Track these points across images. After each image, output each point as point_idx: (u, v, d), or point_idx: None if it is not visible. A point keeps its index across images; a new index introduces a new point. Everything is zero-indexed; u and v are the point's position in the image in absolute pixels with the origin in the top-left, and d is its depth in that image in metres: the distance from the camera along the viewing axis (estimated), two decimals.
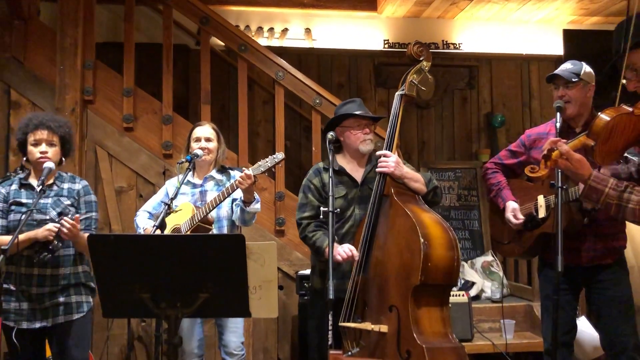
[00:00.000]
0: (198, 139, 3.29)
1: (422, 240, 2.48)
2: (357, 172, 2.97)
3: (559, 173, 2.56)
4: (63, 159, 2.88)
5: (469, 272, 4.58)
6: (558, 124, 2.71)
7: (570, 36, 5.69)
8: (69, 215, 2.69)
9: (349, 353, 2.65)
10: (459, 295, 3.86)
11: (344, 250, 2.70)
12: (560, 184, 2.54)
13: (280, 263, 4.11)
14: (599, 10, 5.45)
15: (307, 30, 5.54)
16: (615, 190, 1.80)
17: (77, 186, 2.88)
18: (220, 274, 1.91)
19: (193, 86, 5.07)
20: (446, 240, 2.56)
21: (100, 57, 4.39)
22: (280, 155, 3.02)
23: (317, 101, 4.32)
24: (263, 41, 5.35)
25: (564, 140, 1.96)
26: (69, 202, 2.81)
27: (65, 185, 2.86)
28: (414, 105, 5.61)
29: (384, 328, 2.56)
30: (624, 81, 2.01)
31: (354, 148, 2.94)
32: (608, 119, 1.81)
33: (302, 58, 5.51)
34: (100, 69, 4.29)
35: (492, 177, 3.08)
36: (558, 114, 2.76)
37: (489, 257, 4.75)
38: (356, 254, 2.70)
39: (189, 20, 4.49)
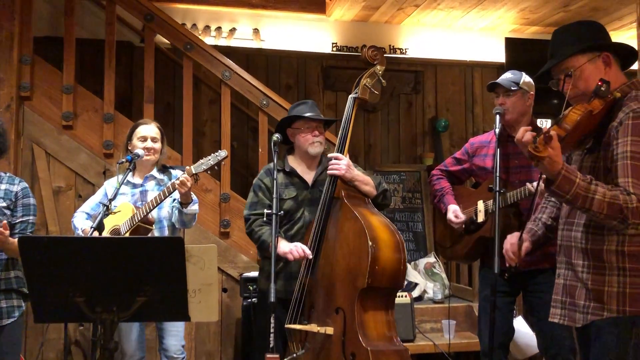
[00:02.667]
0: (144, 138, 3.20)
1: (370, 243, 2.50)
2: (308, 174, 2.97)
3: (497, 177, 2.65)
4: None
5: (412, 273, 4.66)
6: (497, 129, 2.81)
7: (511, 44, 5.88)
8: None
9: (294, 355, 2.65)
10: (402, 296, 3.92)
11: (297, 250, 2.70)
12: (497, 188, 2.63)
13: (224, 265, 4.07)
14: (539, 20, 5.66)
15: (256, 31, 5.51)
16: (584, 181, 1.84)
17: (16, 188, 2.76)
18: (159, 277, 1.87)
19: (137, 84, 4.95)
20: (394, 243, 2.58)
21: (39, 52, 4.24)
22: (223, 153, 2.98)
23: (264, 102, 4.30)
24: (210, 40, 5.29)
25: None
26: (4, 204, 2.69)
27: (3, 186, 2.74)
28: (361, 109, 5.66)
29: (329, 330, 2.57)
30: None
31: (304, 150, 2.94)
32: (580, 112, 1.90)
33: (250, 58, 5.48)
34: (39, 64, 4.14)
35: (436, 183, 3.16)
36: (497, 119, 2.85)
37: (431, 259, 4.84)
38: (309, 253, 2.70)
39: (134, 16, 4.40)
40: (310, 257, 2.69)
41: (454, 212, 2.98)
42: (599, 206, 1.83)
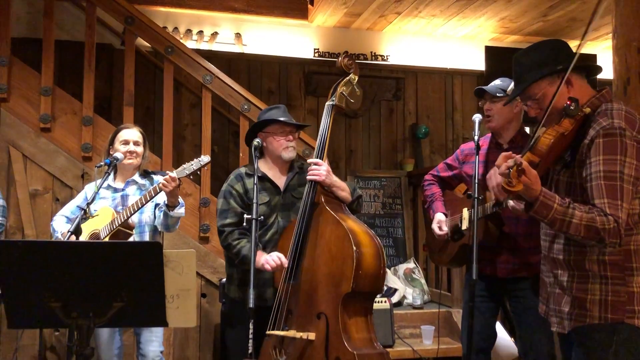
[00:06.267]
0: (126, 142, 3.17)
1: (354, 248, 2.51)
2: (280, 179, 2.95)
3: (476, 185, 2.66)
4: None
5: (391, 279, 4.67)
6: (476, 137, 2.81)
7: (491, 53, 5.95)
8: None
9: None
10: (381, 301, 3.93)
11: (272, 259, 2.68)
12: (476, 195, 2.65)
13: (203, 270, 4.04)
14: (519, 29, 5.74)
15: (238, 35, 5.50)
16: (562, 205, 1.86)
17: None
18: (136, 282, 1.85)
19: (117, 87, 4.91)
20: (375, 248, 2.61)
21: (17, 53, 4.18)
22: (205, 159, 2.96)
23: (246, 107, 4.29)
24: (191, 44, 5.27)
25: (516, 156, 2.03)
26: None
27: None
28: (342, 115, 5.68)
29: (311, 336, 2.56)
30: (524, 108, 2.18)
31: (277, 155, 2.92)
32: (551, 136, 1.92)
33: (232, 63, 5.47)
34: (16, 66, 4.08)
35: (428, 188, 3.16)
36: (476, 126, 2.85)
37: (411, 264, 4.86)
38: (285, 261, 2.69)
39: (114, 19, 4.36)
40: (286, 265, 2.68)
41: (438, 224, 2.98)
42: (576, 229, 1.86)
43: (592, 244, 1.90)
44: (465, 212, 2.89)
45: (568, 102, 1.94)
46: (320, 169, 2.75)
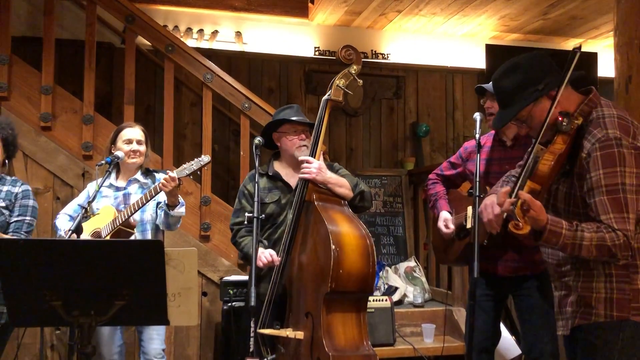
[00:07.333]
0: (129, 141, 3.17)
1: (333, 247, 2.46)
2: (293, 178, 2.92)
3: (477, 183, 2.66)
4: (6, 161, 2.86)
5: (392, 277, 4.67)
6: (477, 135, 2.81)
7: (492, 51, 5.95)
8: None
9: (265, 359, 2.63)
10: (382, 300, 3.93)
11: (264, 256, 2.68)
12: (478, 193, 2.65)
13: (204, 269, 4.04)
14: (519, 27, 5.73)
15: (238, 34, 5.50)
16: (570, 230, 1.86)
17: (16, 189, 2.85)
18: (137, 280, 1.85)
19: (117, 86, 4.91)
20: (361, 247, 2.54)
21: (18, 51, 4.18)
22: (206, 158, 2.97)
23: (246, 105, 4.29)
24: (192, 42, 5.27)
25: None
26: (3, 204, 2.78)
27: (5, 188, 2.82)
28: (343, 113, 5.69)
29: (299, 335, 2.55)
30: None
31: (290, 154, 2.91)
32: (550, 161, 1.90)
33: (232, 61, 5.47)
34: (17, 64, 4.08)
35: (431, 187, 3.15)
36: (477, 124, 2.85)
37: (412, 263, 4.86)
38: (277, 259, 2.68)
39: (115, 17, 4.36)
40: (277, 262, 2.68)
41: (445, 222, 2.96)
42: (587, 251, 1.85)
43: (605, 260, 1.89)
44: (470, 210, 2.88)
45: (560, 119, 1.90)
46: (310, 167, 2.71)
